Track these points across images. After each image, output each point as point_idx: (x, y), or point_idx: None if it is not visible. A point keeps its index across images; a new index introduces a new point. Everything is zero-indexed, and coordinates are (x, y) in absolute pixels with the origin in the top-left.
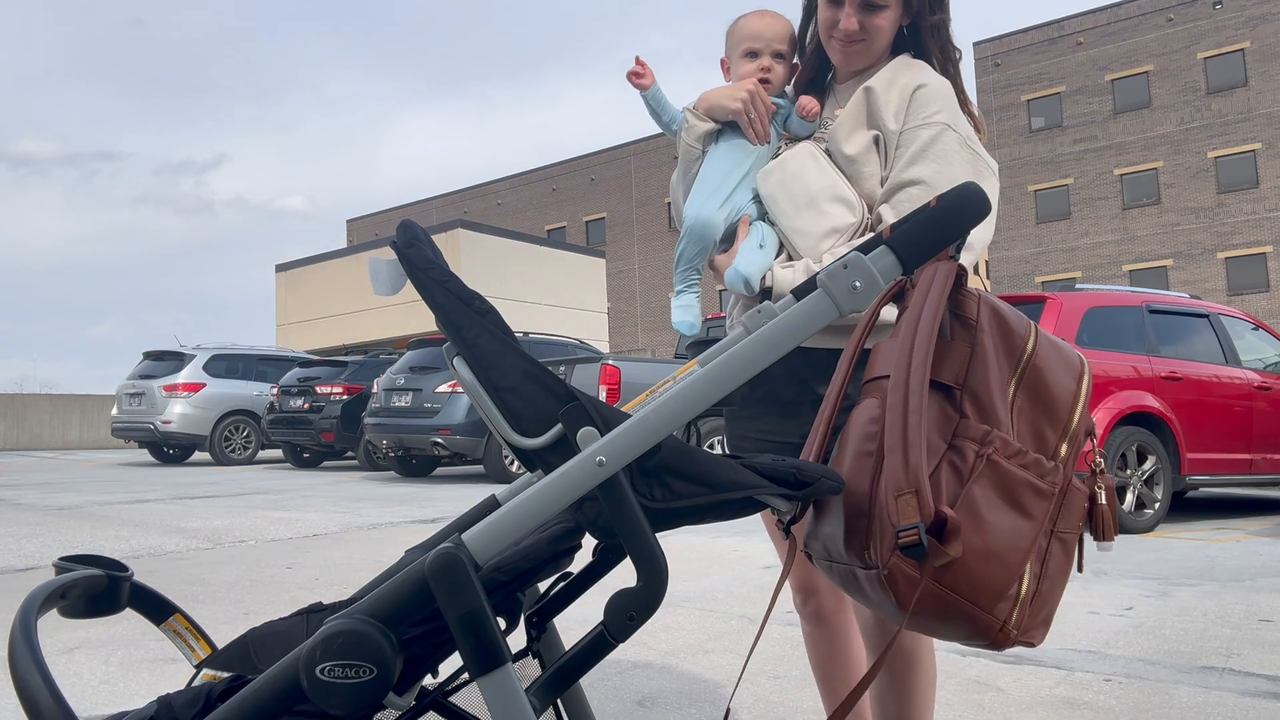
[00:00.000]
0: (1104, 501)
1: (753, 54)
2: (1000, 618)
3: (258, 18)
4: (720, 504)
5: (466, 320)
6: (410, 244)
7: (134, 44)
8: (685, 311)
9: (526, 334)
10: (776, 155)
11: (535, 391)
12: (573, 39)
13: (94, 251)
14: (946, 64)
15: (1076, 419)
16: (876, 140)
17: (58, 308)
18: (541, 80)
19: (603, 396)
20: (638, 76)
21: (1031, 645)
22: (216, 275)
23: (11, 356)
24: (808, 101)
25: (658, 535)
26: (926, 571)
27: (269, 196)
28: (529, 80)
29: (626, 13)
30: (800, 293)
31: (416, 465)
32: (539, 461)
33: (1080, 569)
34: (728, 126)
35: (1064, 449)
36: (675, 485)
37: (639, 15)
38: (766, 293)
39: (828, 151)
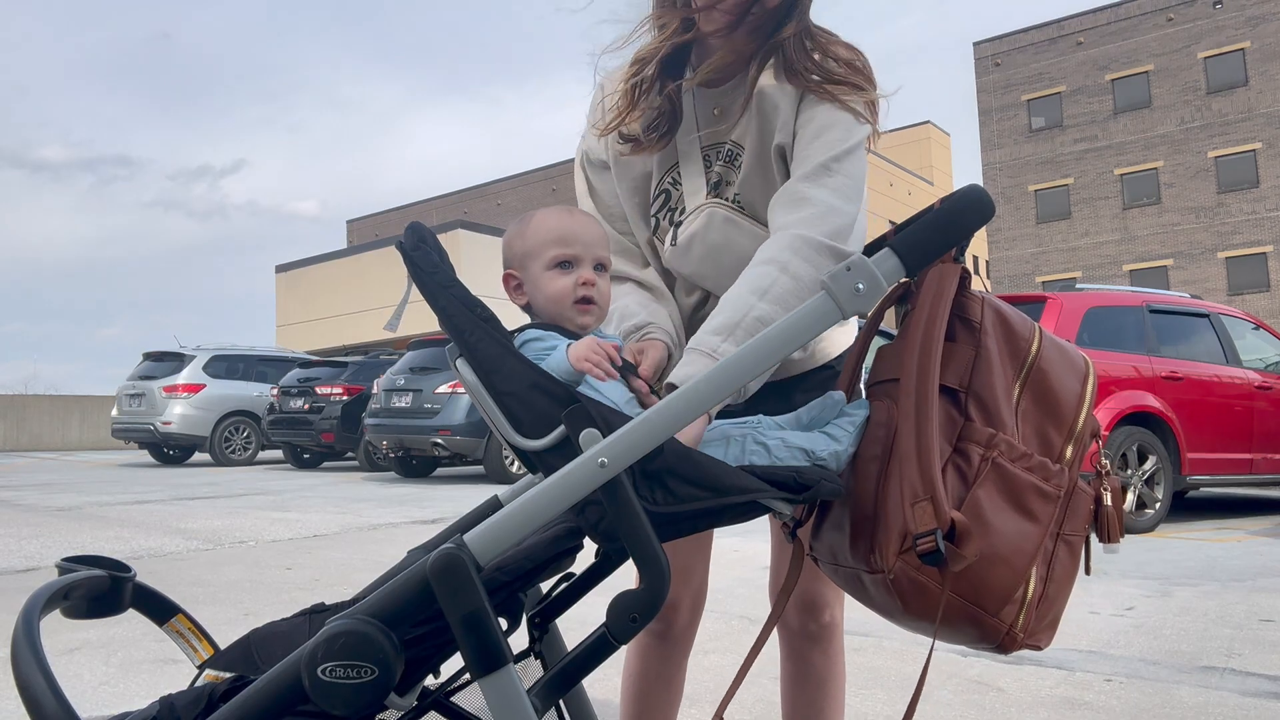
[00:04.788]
0: (1109, 503)
1: (565, 264)
2: (1007, 621)
3: (285, 24)
4: (722, 508)
5: (469, 325)
6: (417, 246)
7: (161, 55)
8: None
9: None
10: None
11: (536, 396)
12: (585, 41)
13: (106, 255)
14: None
15: (1081, 421)
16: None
17: (68, 310)
18: (552, 83)
19: None
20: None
21: (1038, 648)
22: (226, 278)
23: (22, 358)
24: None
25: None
26: (947, 579)
27: (281, 200)
28: (540, 82)
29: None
30: None
31: (417, 466)
32: (541, 463)
33: (1088, 571)
34: None
35: (1069, 451)
36: (677, 488)
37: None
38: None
39: (738, 201)
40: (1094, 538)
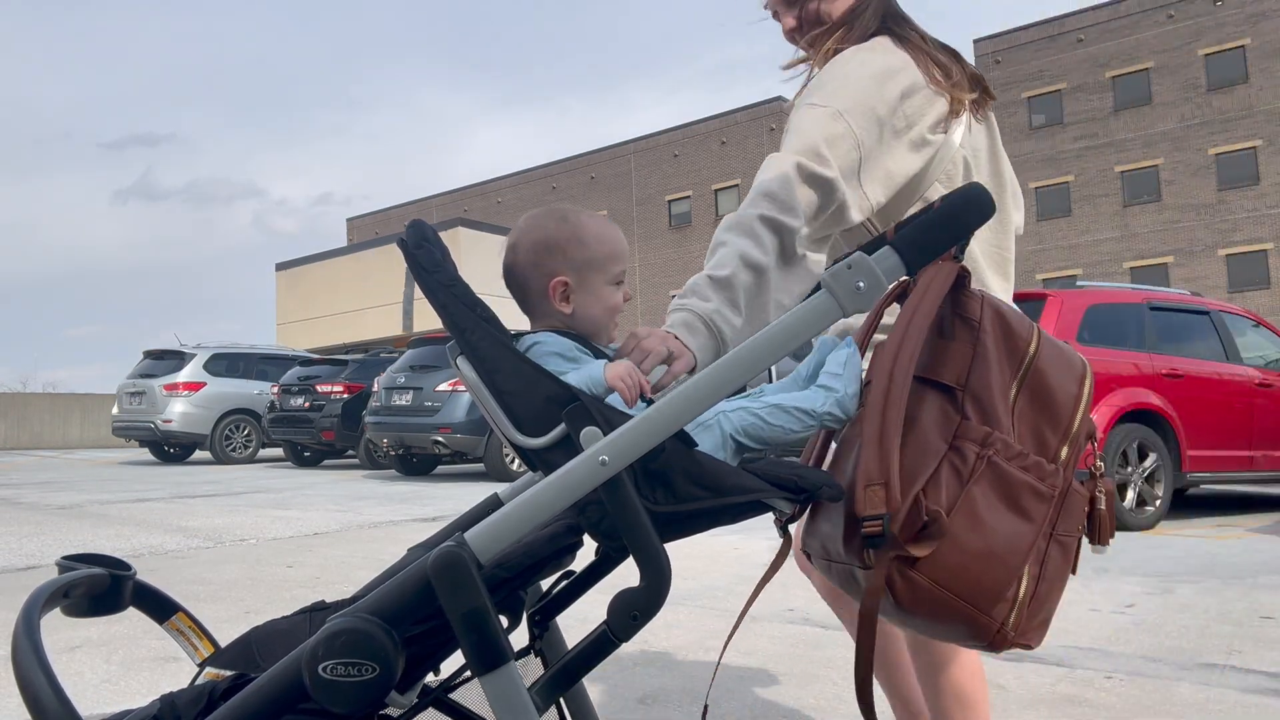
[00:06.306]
0: (1102, 506)
1: (619, 281)
2: (998, 619)
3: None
4: (722, 508)
5: (470, 323)
6: (420, 244)
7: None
8: None
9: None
10: None
11: (537, 395)
12: (652, 48)
13: (149, 258)
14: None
15: (1078, 422)
16: None
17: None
18: (614, 89)
19: None
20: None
21: (1029, 648)
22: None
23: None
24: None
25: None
26: (879, 561)
27: (344, 210)
28: (604, 89)
29: (704, 22)
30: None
31: (417, 464)
32: (541, 461)
33: (1074, 571)
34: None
35: (1065, 452)
36: (678, 488)
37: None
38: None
39: None
40: (1084, 537)
